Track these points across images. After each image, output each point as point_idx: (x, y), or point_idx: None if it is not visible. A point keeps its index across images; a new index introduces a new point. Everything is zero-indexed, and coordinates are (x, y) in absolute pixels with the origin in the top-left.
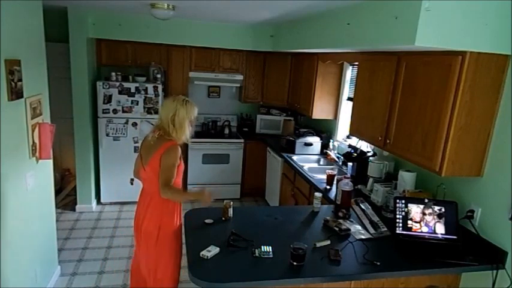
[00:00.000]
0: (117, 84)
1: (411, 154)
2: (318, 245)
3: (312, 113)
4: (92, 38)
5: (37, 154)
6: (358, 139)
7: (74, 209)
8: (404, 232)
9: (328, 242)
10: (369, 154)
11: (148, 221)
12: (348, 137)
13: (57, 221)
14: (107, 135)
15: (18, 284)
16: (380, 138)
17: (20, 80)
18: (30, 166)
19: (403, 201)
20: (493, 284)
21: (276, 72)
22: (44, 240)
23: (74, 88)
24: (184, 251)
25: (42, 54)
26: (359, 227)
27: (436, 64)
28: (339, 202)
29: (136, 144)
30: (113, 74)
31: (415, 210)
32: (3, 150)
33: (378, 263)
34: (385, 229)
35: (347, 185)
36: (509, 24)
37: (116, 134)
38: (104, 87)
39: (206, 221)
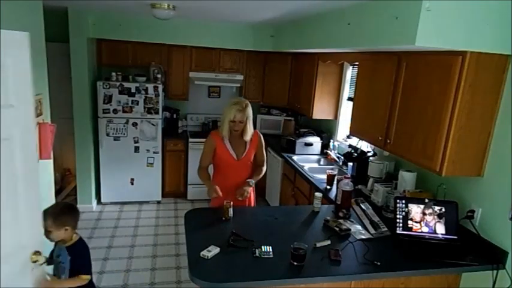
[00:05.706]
0: (118, 84)
1: (411, 154)
2: (318, 245)
3: (312, 113)
4: (92, 38)
5: (37, 154)
6: (358, 139)
7: None
8: (405, 232)
9: (329, 242)
10: (369, 154)
11: None
12: (348, 137)
13: None
14: (107, 135)
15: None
16: (380, 138)
17: None
18: None
19: (404, 201)
20: (493, 284)
21: (276, 72)
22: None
23: (74, 88)
24: (184, 251)
25: (43, 54)
26: (359, 227)
27: (436, 64)
28: (339, 202)
29: (136, 144)
30: (113, 74)
31: (416, 210)
32: None
33: (378, 263)
34: (386, 229)
35: (347, 185)
36: (509, 24)
37: (116, 134)
38: (104, 87)
39: (206, 221)
